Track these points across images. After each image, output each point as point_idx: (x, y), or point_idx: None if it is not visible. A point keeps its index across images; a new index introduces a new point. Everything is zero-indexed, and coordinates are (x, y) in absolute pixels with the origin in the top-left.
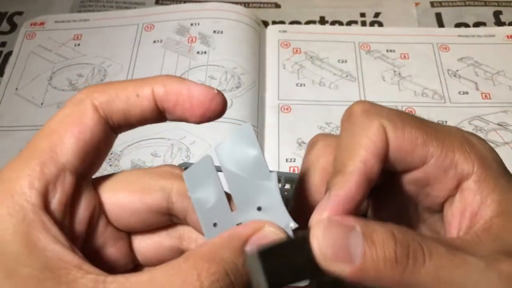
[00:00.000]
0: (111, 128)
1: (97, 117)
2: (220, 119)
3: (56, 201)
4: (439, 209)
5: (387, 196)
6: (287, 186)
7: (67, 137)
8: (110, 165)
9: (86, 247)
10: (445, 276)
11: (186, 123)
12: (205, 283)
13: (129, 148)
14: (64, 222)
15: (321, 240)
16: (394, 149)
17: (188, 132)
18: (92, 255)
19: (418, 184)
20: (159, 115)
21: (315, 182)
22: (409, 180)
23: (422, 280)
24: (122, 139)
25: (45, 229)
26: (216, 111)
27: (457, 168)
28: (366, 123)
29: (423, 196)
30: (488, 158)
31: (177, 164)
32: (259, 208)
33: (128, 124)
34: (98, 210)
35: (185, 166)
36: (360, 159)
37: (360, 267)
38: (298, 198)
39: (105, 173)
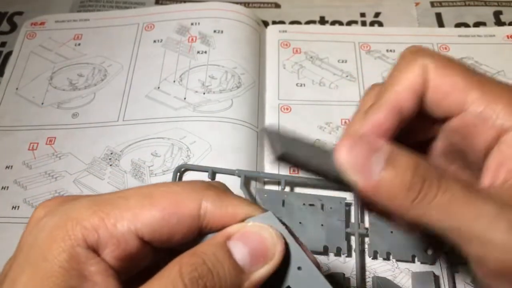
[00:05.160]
0: (200, 228)
1: (197, 213)
2: (220, 119)
3: (111, 254)
4: (482, 166)
5: (436, 155)
6: (287, 189)
7: (157, 211)
8: (111, 165)
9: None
10: (454, 212)
11: (186, 122)
12: (183, 272)
13: (129, 148)
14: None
15: (347, 149)
16: (432, 90)
17: (188, 132)
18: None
19: (460, 134)
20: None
21: (356, 122)
22: (451, 128)
23: (431, 211)
24: (123, 139)
25: (93, 262)
26: None
27: (498, 120)
28: (410, 62)
29: (468, 148)
30: None
31: (176, 165)
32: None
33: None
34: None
35: (184, 168)
36: (394, 91)
37: (375, 184)
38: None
39: (106, 173)
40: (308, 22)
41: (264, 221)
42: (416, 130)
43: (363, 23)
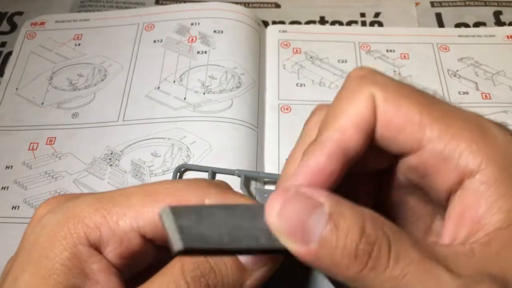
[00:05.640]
0: None
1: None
2: (220, 119)
3: (114, 252)
4: (445, 206)
5: (394, 185)
6: None
7: (159, 206)
8: (111, 165)
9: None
10: (408, 286)
11: (186, 122)
12: (186, 270)
13: (130, 148)
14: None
15: (278, 209)
16: (382, 124)
17: (188, 132)
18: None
19: (418, 172)
20: None
21: (296, 157)
22: (408, 166)
23: (381, 284)
24: (123, 139)
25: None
26: None
27: (460, 160)
28: (356, 90)
29: (428, 187)
30: (509, 155)
31: (176, 165)
32: None
33: None
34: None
35: (184, 168)
36: (337, 128)
37: (315, 251)
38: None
39: (106, 173)
40: (308, 22)
41: None
42: (369, 161)
43: (363, 23)
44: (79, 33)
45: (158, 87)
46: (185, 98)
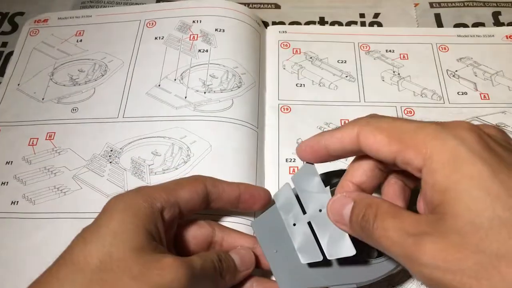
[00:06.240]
0: (207, 202)
1: (205, 191)
2: (221, 119)
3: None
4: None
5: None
6: None
7: (187, 191)
8: (110, 162)
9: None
10: (384, 226)
11: (186, 122)
12: (213, 259)
13: (130, 145)
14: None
15: (328, 207)
16: (372, 153)
17: (188, 132)
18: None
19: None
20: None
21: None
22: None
23: (374, 234)
24: (123, 136)
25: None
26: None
27: (413, 163)
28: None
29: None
30: (454, 148)
31: (175, 164)
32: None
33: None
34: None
35: None
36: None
37: (349, 227)
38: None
39: (106, 170)
40: (307, 23)
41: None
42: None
43: (363, 24)
44: (81, 30)
45: (159, 85)
46: (185, 97)
